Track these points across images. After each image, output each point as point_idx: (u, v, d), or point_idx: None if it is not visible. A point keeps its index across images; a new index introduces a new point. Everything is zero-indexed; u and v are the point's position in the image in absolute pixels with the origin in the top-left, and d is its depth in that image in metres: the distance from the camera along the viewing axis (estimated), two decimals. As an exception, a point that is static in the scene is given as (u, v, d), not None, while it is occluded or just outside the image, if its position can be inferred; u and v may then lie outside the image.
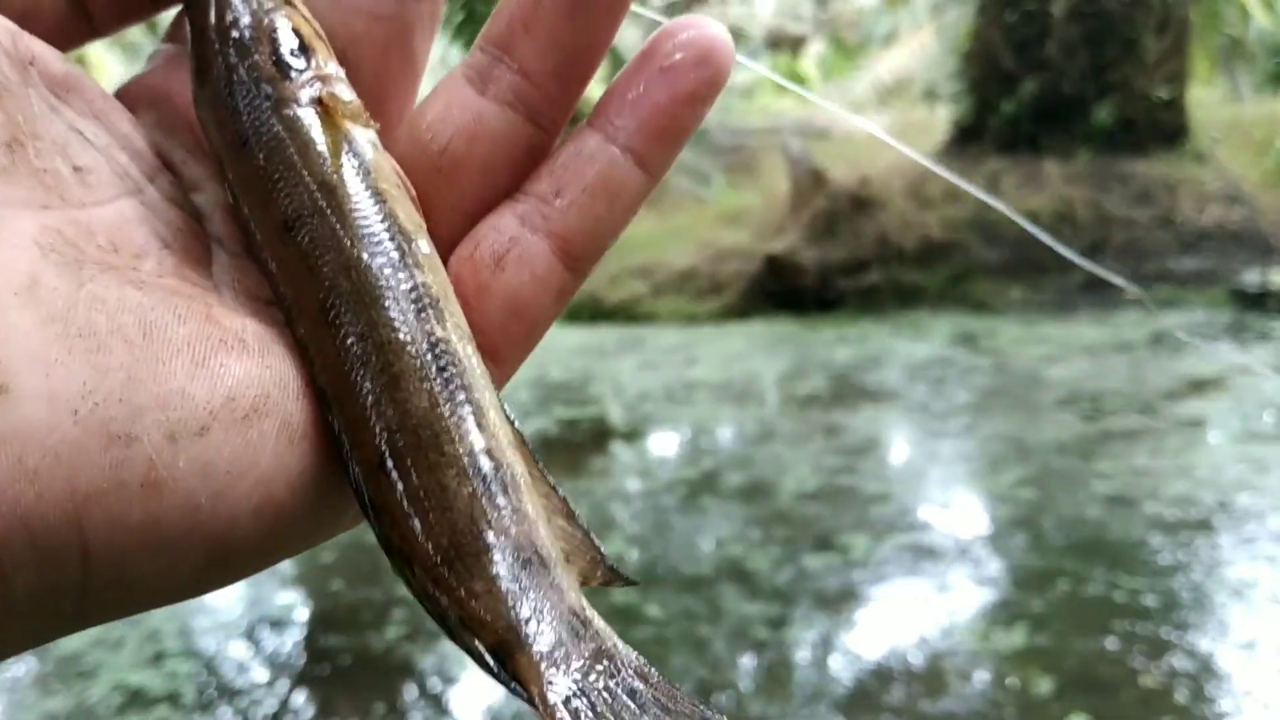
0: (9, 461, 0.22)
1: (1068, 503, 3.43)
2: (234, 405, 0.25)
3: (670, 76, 0.32)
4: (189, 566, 0.25)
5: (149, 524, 0.23)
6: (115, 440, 0.23)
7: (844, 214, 7.91)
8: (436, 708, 2.45)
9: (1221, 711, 2.24)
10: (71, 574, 0.23)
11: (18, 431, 0.22)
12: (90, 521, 0.23)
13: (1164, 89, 8.92)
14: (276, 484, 0.26)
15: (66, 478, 0.22)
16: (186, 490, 0.24)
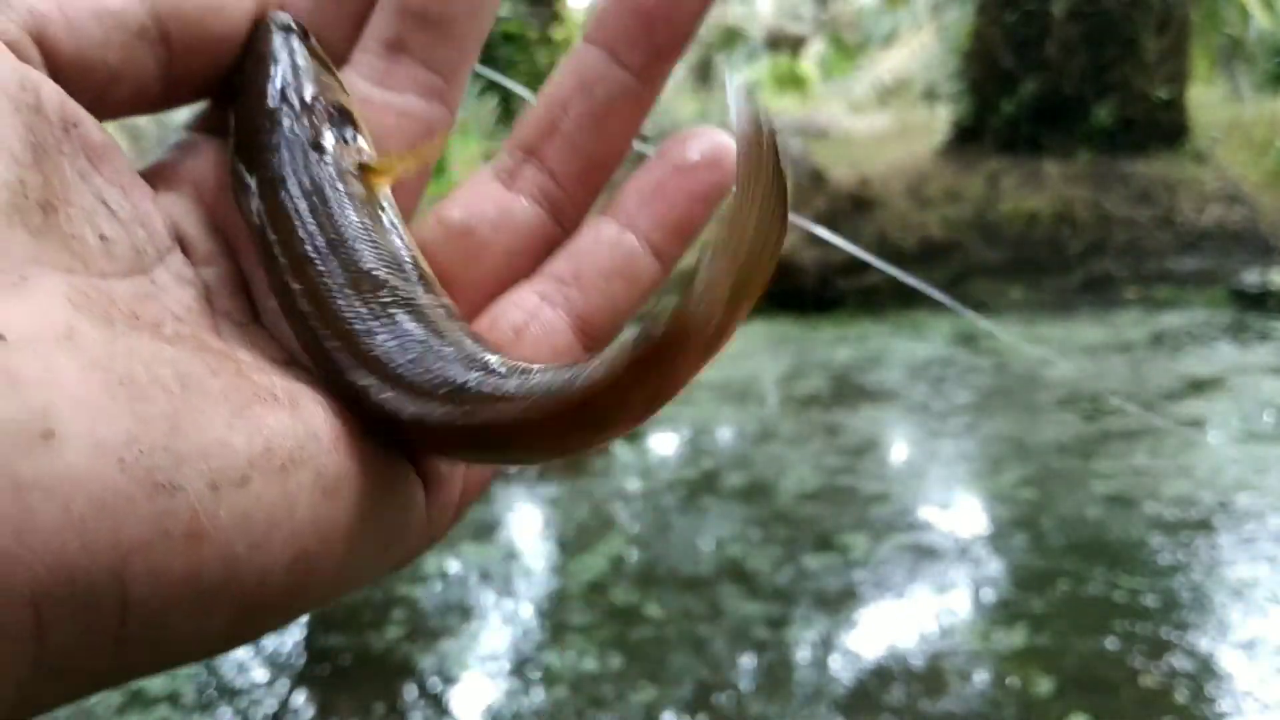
0: (56, 510, 0.21)
1: (1068, 503, 3.43)
2: (271, 456, 0.25)
3: (687, 176, 0.35)
4: (222, 620, 0.25)
5: (189, 576, 0.23)
6: (160, 490, 0.23)
7: (844, 214, 7.91)
8: (436, 708, 2.45)
9: (1221, 711, 2.24)
10: (109, 628, 0.23)
11: (65, 479, 0.21)
12: (132, 573, 0.22)
13: (1164, 89, 8.92)
14: (309, 537, 0.26)
15: (112, 528, 0.22)
16: (226, 541, 0.24)
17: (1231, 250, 7.71)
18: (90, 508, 0.22)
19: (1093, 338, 6.09)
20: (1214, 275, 7.36)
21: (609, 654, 2.60)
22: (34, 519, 0.21)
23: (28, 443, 0.21)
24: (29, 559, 0.21)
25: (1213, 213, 8.01)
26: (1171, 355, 5.52)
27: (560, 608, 2.93)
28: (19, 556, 0.21)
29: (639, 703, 2.38)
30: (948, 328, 6.61)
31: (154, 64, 0.32)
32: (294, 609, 0.27)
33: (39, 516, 0.21)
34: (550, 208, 0.35)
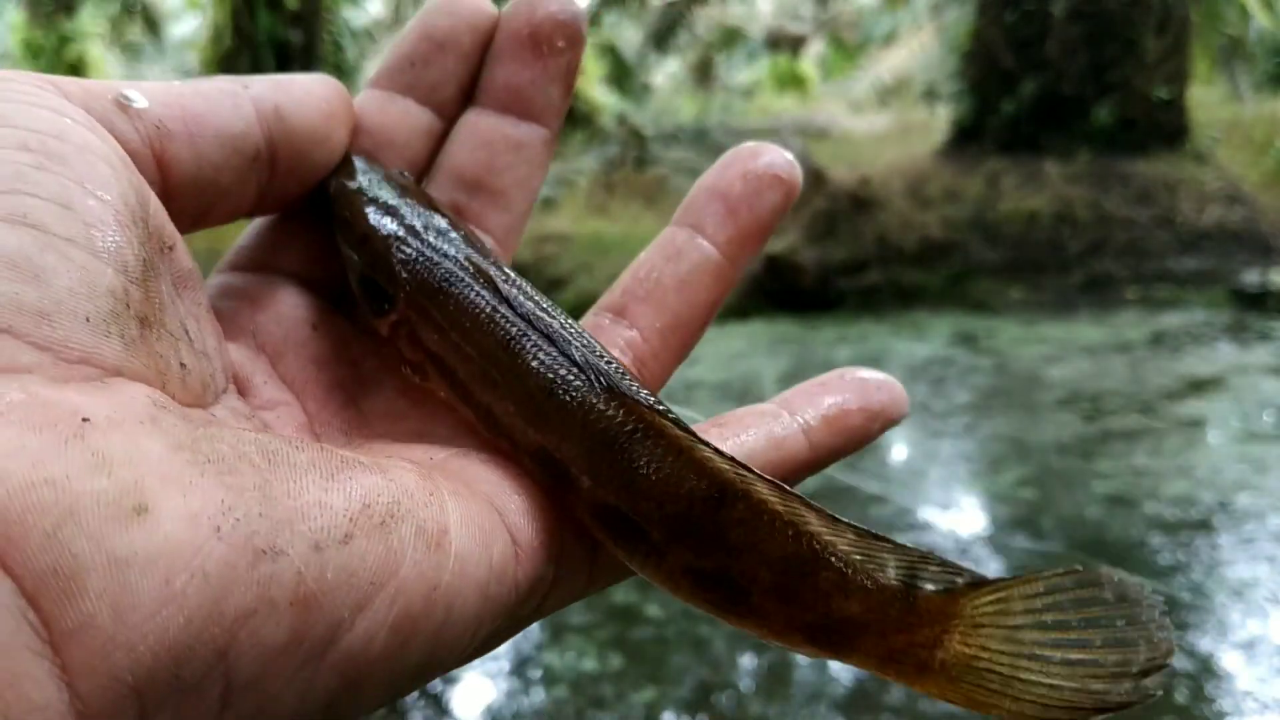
0: (155, 585, 0.21)
1: (1068, 503, 3.43)
2: (371, 512, 0.25)
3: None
4: (323, 690, 0.24)
5: (292, 645, 0.22)
6: (261, 556, 0.22)
7: (844, 214, 7.91)
8: (436, 708, 2.45)
9: (1221, 711, 2.24)
10: (211, 712, 0.22)
11: (163, 553, 0.21)
12: (237, 650, 0.22)
13: (1164, 89, 8.92)
14: (415, 596, 0.25)
15: (215, 599, 0.21)
16: (332, 605, 0.23)
17: (1231, 250, 7.71)
18: (192, 580, 0.21)
19: (1093, 338, 6.09)
20: (1214, 275, 7.36)
21: (609, 654, 2.60)
22: (133, 596, 0.20)
23: (121, 519, 0.21)
24: (130, 639, 0.20)
25: (1213, 213, 8.01)
26: (1171, 355, 5.52)
27: (560, 608, 2.93)
28: (119, 638, 0.20)
29: (639, 703, 2.38)
30: (948, 328, 6.61)
31: (256, 185, 0.33)
32: (393, 684, 0.26)
33: (138, 593, 0.20)
34: (634, 358, 0.37)
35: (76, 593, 0.20)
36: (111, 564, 0.20)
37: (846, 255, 7.70)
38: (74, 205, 0.25)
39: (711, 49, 18.31)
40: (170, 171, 0.30)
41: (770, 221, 0.39)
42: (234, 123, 0.31)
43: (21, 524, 0.20)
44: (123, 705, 0.20)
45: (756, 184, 0.39)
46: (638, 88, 15.43)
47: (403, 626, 0.25)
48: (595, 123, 12.27)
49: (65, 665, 0.20)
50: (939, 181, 8.58)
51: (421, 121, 0.39)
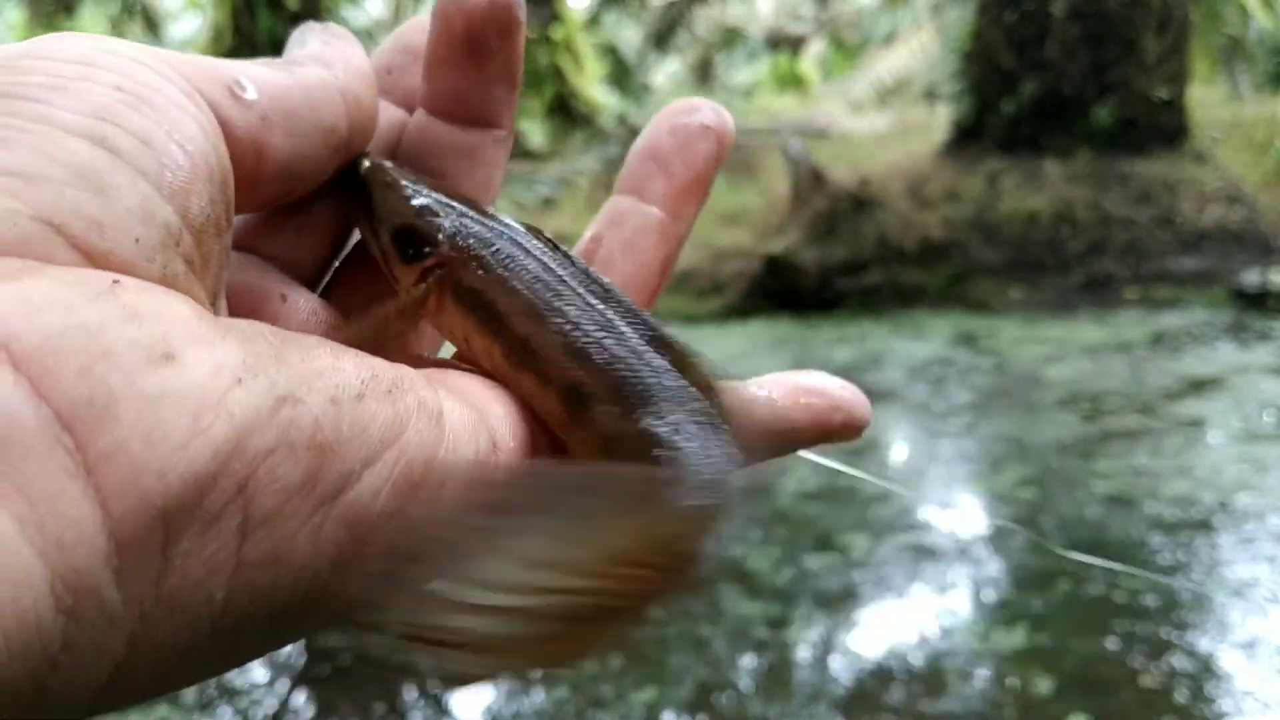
0: (184, 420, 0.22)
1: (1068, 503, 3.43)
2: (379, 380, 0.27)
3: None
4: (330, 542, 0.25)
5: (306, 487, 0.24)
6: (282, 402, 0.24)
7: (844, 214, 7.91)
8: (436, 708, 2.45)
9: (1221, 711, 2.24)
10: (230, 547, 0.23)
11: (191, 393, 0.23)
12: (256, 482, 0.23)
13: (1164, 89, 8.92)
14: (416, 461, 0.27)
15: (239, 437, 0.23)
16: (345, 455, 0.25)
17: (1231, 250, 7.71)
18: (218, 420, 0.23)
19: (1093, 338, 6.09)
20: (1214, 275, 7.36)
21: (609, 654, 2.60)
22: (164, 428, 0.22)
23: (151, 363, 0.22)
24: (160, 467, 0.22)
25: (1213, 213, 8.01)
26: (1171, 355, 5.52)
27: (560, 608, 2.93)
28: (150, 465, 0.22)
29: (639, 703, 2.38)
30: (948, 328, 6.61)
31: (331, 170, 0.35)
32: (389, 549, 0.27)
33: (168, 426, 0.22)
34: None
35: (110, 421, 0.22)
36: (143, 399, 0.22)
37: (846, 255, 7.70)
38: (153, 143, 0.26)
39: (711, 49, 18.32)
40: (266, 161, 0.31)
41: (706, 172, 0.40)
42: (328, 118, 0.33)
43: (57, 358, 0.21)
44: (151, 528, 0.22)
45: (685, 137, 0.39)
46: (638, 88, 15.43)
47: (403, 490, 0.27)
48: (595, 123, 12.26)
49: (99, 487, 0.21)
50: (939, 181, 8.58)
51: (396, 117, 0.40)
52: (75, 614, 0.21)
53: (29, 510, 0.20)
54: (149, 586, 0.22)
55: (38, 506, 0.20)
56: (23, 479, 0.20)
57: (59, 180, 0.24)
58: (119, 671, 0.23)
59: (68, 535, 0.21)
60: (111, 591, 0.22)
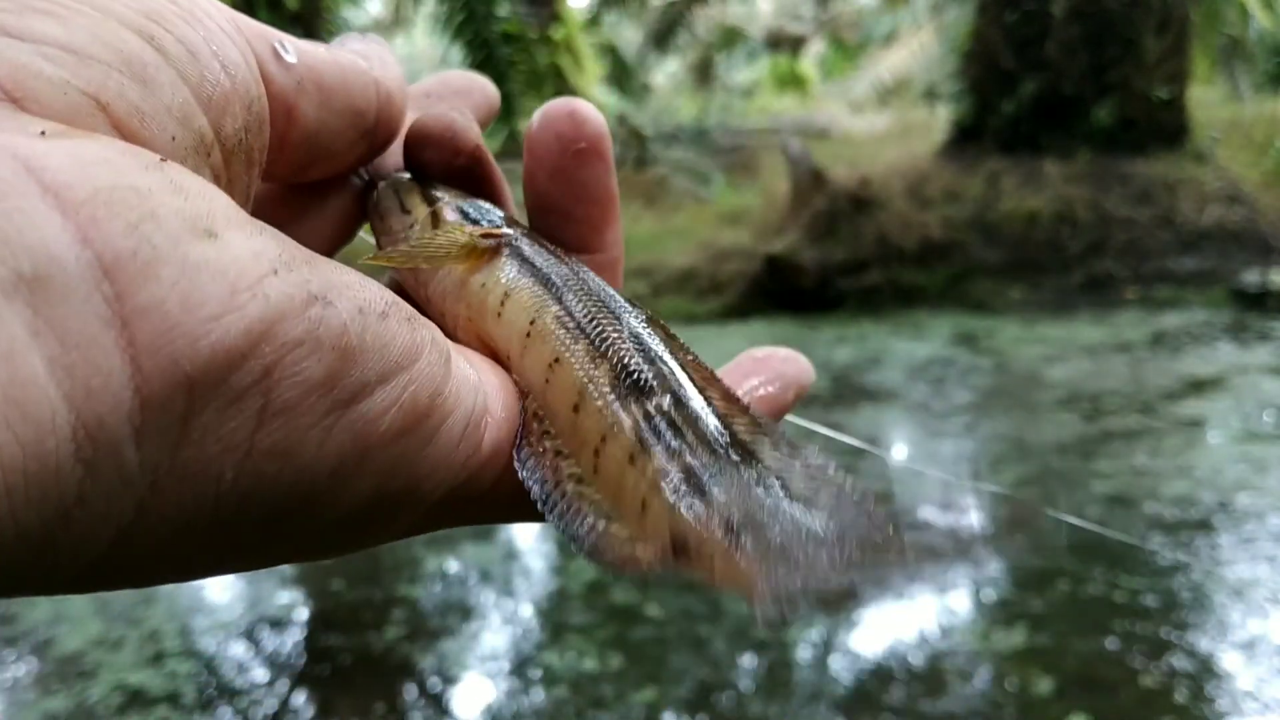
0: (222, 292, 0.23)
1: (1068, 503, 3.43)
2: (400, 306, 0.28)
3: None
4: (334, 450, 0.26)
5: (325, 386, 0.25)
6: (314, 300, 0.25)
7: (844, 214, 7.91)
8: (436, 708, 2.45)
9: (1221, 711, 2.24)
10: (246, 430, 0.23)
11: (230, 268, 0.23)
12: (280, 370, 0.24)
13: (1164, 89, 8.92)
14: (423, 391, 0.28)
15: (272, 321, 0.23)
16: (364, 364, 0.26)
17: (1231, 250, 7.71)
18: (254, 299, 0.23)
19: (1093, 338, 6.09)
20: (1214, 275, 7.36)
21: (609, 654, 2.60)
22: (202, 294, 0.22)
23: (195, 234, 0.23)
24: (194, 332, 0.22)
25: (1213, 213, 8.01)
26: (1171, 355, 5.52)
27: (560, 608, 2.93)
28: (184, 327, 0.22)
29: (639, 703, 2.38)
30: (948, 328, 6.61)
31: (355, 156, 0.36)
32: (380, 488, 0.27)
33: (207, 294, 0.22)
34: None
35: (151, 278, 0.22)
36: (185, 264, 0.22)
37: (846, 255, 7.70)
38: (199, 56, 0.27)
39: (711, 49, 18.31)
40: (295, 125, 0.32)
41: None
42: (360, 100, 0.34)
43: (107, 210, 0.22)
44: (176, 393, 0.22)
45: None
46: (638, 88, 15.43)
47: (408, 416, 0.27)
48: (595, 123, 12.23)
49: (131, 340, 0.21)
50: (939, 181, 8.57)
51: None
52: (93, 468, 0.21)
53: (60, 351, 0.20)
54: (165, 453, 0.22)
55: (69, 349, 0.20)
56: (57, 319, 0.20)
57: (108, 63, 0.25)
58: (121, 539, 0.23)
59: (95, 383, 0.21)
60: (130, 451, 0.22)
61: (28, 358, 0.20)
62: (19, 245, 0.20)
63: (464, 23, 10.15)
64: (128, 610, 2.95)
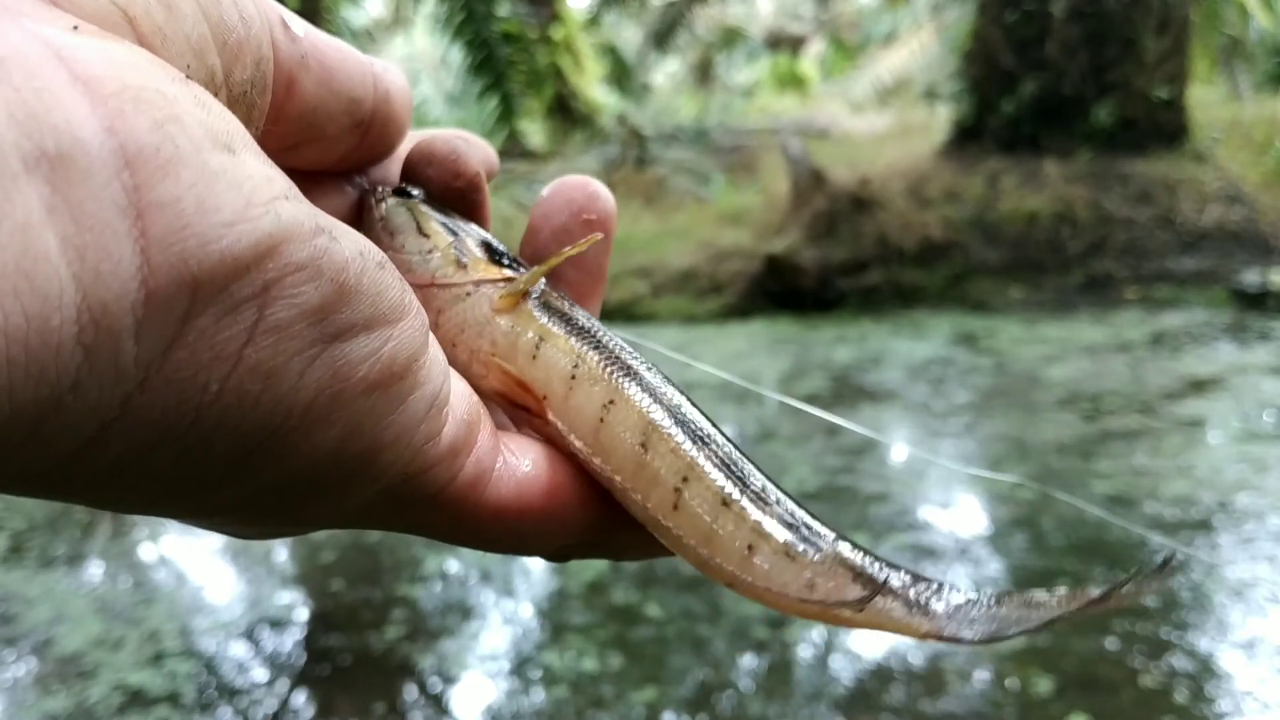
0: (238, 202, 0.23)
1: (1068, 504, 3.43)
2: (393, 267, 0.29)
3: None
4: (313, 384, 0.26)
5: (316, 315, 0.25)
6: (321, 231, 0.26)
7: (844, 214, 7.91)
8: (436, 708, 2.45)
9: (1221, 711, 2.24)
10: (238, 340, 0.24)
11: (247, 182, 0.24)
12: (279, 289, 0.24)
13: (1164, 89, 8.92)
14: (404, 351, 0.29)
15: (280, 241, 0.24)
16: (357, 305, 0.27)
17: (1231, 250, 7.71)
18: (266, 214, 0.24)
19: (1093, 338, 6.09)
20: (1214, 275, 7.36)
21: (609, 654, 2.60)
22: (218, 200, 0.23)
23: (216, 146, 0.23)
24: (206, 235, 0.22)
25: (1213, 213, 8.01)
26: (1171, 355, 5.52)
27: (560, 608, 2.93)
28: (197, 228, 0.22)
29: (639, 702, 2.38)
30: (948, 328, 6.61)
31: (344, 148, 0.37)
32: (344, 443, 0.28)
33: (223, 201, 0.23)
34: None
35: (171, 176, 0.22)
36: (205, 169, 0.23)
37: (846, 255, 7.70)
38: (221, 1, 0.28)
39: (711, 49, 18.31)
40: (293, 99, 0.33)
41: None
42: (358, 89, 0.35)
43: (134, 106, 0.22)
44: (180, 291, 0.22)
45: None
46: (638, 88, 15.43)
47: (386, 371, 0.28)
48: (595, 123, 12.26)
49: (144, 231, 0.22)
50: (939, 181, 8.57)
51: None
52: (92, 353, 0.21)
53: (74, 231, 0.21)
54: (160, 351, 0.23)
55: (83, 230, 0.21)
56: (75, 199, 0.21)
57: None
58: (99, 438, 0.23)
59: (105, 267, 0.21)
60: (129, 343, 0.22)
61: (42, 232, 0.20)
62: (45, 123, 0.21)
63: (464, 23, 10.15)
64: (128, 610, 2.95)
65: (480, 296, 0.38)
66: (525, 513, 0.34)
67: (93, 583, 3.19)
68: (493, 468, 0.33)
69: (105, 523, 3.71)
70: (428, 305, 0.38)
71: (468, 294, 0.38)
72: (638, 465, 0.35)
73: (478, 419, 0.33)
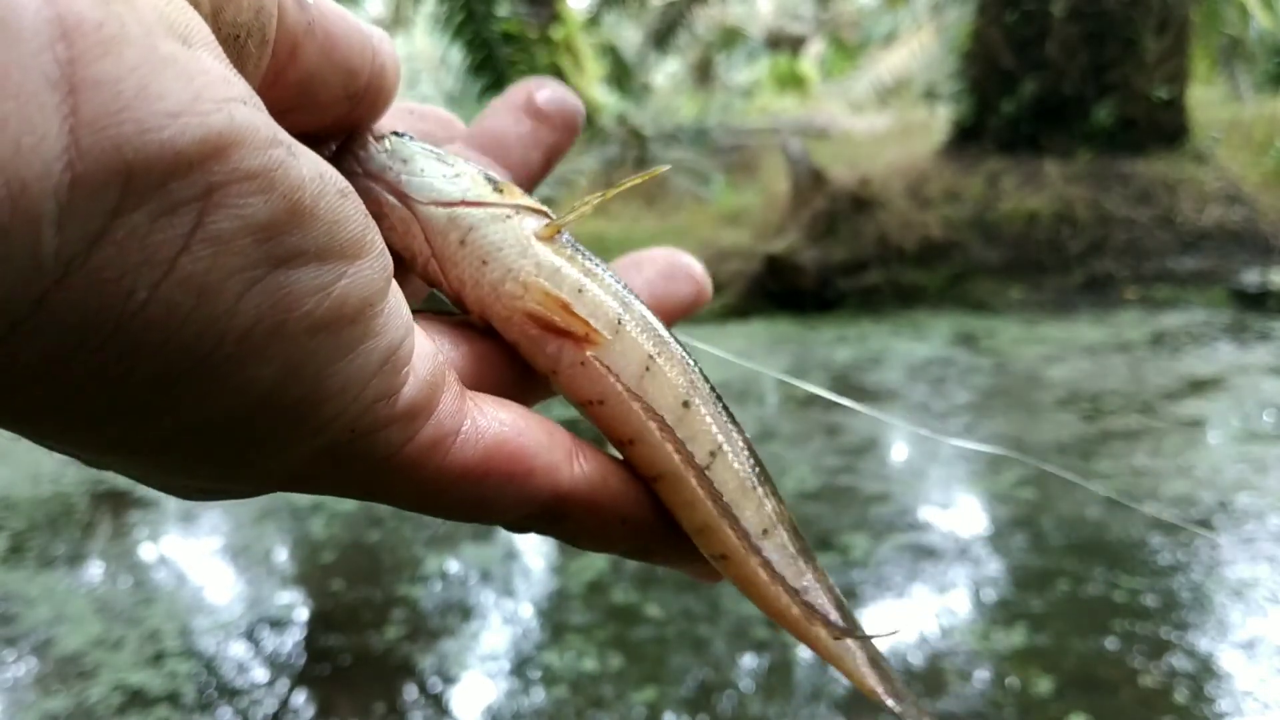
0: (186, 94, 0.21)
1: (1068, 503, 3.43)
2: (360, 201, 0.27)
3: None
4: (249, 315, 0.24)
5: (261, 234, 0.23)
6: (279, 142, 0.23)
7: (844, 214, 7.91)
8: (436, 708, 2.45)
9: (1221, 711, 2.24)
10: (170, 245, 0.22)
11: (200, 75, 0.22)
12: (222, 196, 0.22)
13: (1164, 89, 8.92)
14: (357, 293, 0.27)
15: (231, 140, 0.22)
16: (310, 232, 0.25)
17: (1231, 250, 7.71)
18: (218, 112, 0.22)
19: (1093, 338, 6.09)
20: (1214, 275, 7.36)
21: (609, 654, 2.60)
22: (163, 87, 0.21)
23: (172, 36, 0.21)
24: (145, 122, 0.20)
25: (1213, 213, 8.01)
26: (1171, 355, 5.52)
27: (560, 608, 2.93)
28: (136, 113, 0.20)
29: (639, 702, 2.38)
30: (948, 328, 6.61)
31: (334, 117, 0.35)
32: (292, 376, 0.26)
33: (169, 89, 0.21)
34: None
35: (112, 54, 0.20)
36: (152, 53, 0.21)
37: (846, 255, 7.70)
38: None
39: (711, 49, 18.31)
40: (294, 64, 0.31)
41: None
42: (358, 60, 0.34)
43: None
44: (110, 180, 0.20)
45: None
46: (638, 88, 15.42)
47: (335, 312, 0.26)
48: (595, 123, 12.26)
49: (75, 110, 0.20)
50: (939, 181, 8.57)
51: None
52: (6, 238, 0.19)
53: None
54: (83, 246, 0.20)
55: (5, 98, 0.19)
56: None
57: None
58: (9, 337, 0.21)
59: (26, 141, 0.19)
60: (49, 232, 0.20)
61: None
62: None
63: (464, 23, 10.15)
64: (128, 610, 2.95)
65: (521, 220, 0.37)
66: (489, 477, 0.32)
67: (93, 583, 3.19)
68: (457, 431, 0.32)
69: (105, 523, 3.71)
70: (452, 226, 0.37)
71: (508, 216, 0.37)
72: (677, 419, 0.37)
73: (441, 380, 0.32)
